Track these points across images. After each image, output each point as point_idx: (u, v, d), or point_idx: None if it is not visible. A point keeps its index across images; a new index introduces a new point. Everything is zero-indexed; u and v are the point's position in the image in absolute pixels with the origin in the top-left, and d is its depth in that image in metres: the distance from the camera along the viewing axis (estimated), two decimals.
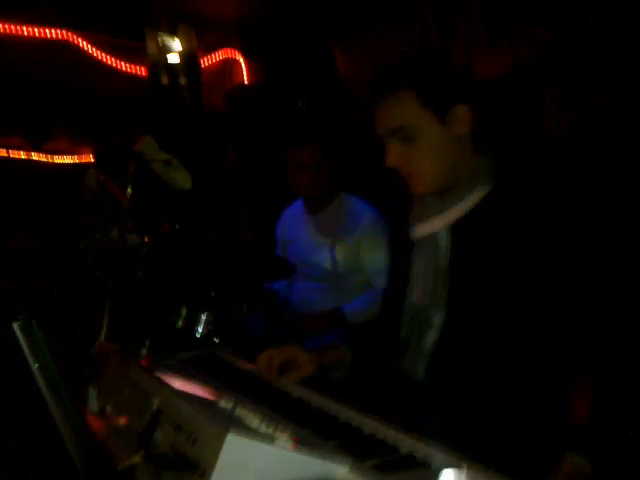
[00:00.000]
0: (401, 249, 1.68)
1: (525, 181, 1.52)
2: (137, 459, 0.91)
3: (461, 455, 1.03)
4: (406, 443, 1.09)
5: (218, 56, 5.11)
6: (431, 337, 1.52)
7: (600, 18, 2.54)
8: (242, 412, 1.02)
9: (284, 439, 0.92)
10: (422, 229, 1.58)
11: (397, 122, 1.49)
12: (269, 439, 0.92)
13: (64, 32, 4.56)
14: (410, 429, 1.13)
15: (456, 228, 1.52)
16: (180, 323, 2.29)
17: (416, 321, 1.56)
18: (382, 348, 1.69)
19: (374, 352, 1.76)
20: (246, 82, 5.09)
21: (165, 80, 4.55)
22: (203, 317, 2.28)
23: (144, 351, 1.45)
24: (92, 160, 4.55)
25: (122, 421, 1.16)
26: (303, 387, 1.51)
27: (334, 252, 2.83)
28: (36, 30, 4.47)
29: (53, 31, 4.53)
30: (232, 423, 0.95)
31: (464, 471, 0.82)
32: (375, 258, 2.79)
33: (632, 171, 2.44)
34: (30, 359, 0.97)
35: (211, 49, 5.03)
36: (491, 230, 1.46)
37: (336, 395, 1.31)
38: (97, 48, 4.68)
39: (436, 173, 1.52)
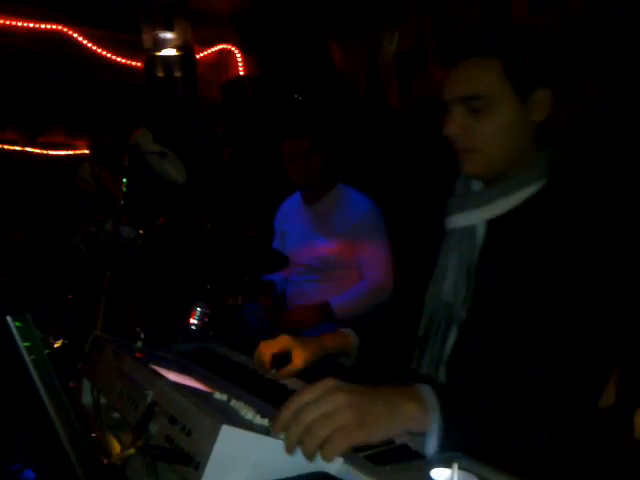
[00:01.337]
0: (429, 239, 1.56)
1: (575, 186, 1.38)
2: (131, 451, 0.91)
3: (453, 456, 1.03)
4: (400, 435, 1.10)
5: (214, 49, 5.10)
6: (453, 336, 1.39)
7: (600, 15, 2.54)
8: (237, 404, 1.01)
9: None
10: (460, 219, 1.44)
11: (473, 89, 1.34)
12: (264, 431, 0.92)
13: (59, 26, 4.55)
14: None
15: (493, 223, 1.39)
16: (176, 316, 2.29)
17: (438, 318, 1.43)
18: (397, 342, 1.58)
19: (388, 346, 1.66)
20: (242, 75, 5.08)
21: (161, 73, 4.54)
22: (199, 310, 2.28)
23: (139, 344, 1.45)
24: (87, 153, 4.55)
25: (116, 414, 1.16)
26: (299, 379, 1.52)
27: (329, 242, 2.84)
28: (31, 24, 4.45)
29: (48, 25, 4.51)
30: (227, 415, 0.95)
31: (455, 466, 0.82)
32: (369, 252, 2.80)
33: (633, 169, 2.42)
34: (24, 352, 0.97)
35: (207, 42, 5.01)
36: (529, 231, 1.33)
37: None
38: (92, 41, 4.66)
39: (497, 156, 1.37)
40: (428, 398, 1.05)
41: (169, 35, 4.45)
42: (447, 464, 0.85)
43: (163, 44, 4.48)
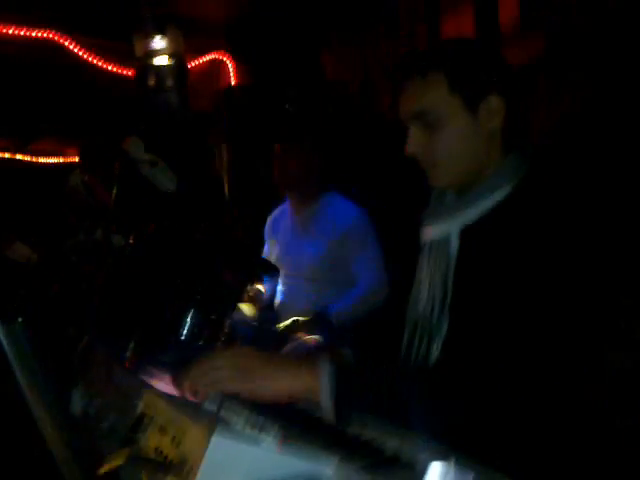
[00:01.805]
0: (407, 252, 1.57)
1: (545, 188, 1.38)
2: (120, 462, 0.91)
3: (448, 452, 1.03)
4: (392, 443, 1.09)
5: (206, 58, 5.11)
6: (436, 348, 1.37)
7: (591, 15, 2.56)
8: (227, 413, 1.01)
9: (270, 440, 0.91)
10: (434, 230, 1.45)
11: (422, 105, 1.38)
12: (255, 440, 0.91)
13: (50, 33, 4.54)
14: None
15: (465, 232, 1.39)
16: (166, 325, 2.27)
17: (420, 331, 1.42)
18: (382, 357, 1.54)
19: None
20: (233, 84, 5.09)
21: (152, 82, 4.53)
22: (188, 319, 2.27)
23: (129, 353, 1.44)
24: (77, 160, 4.53)
25: (106, 423, 1.15)
26: None
27: (319, 250, 2.85)
28: (22, 31, 4.44)
29: (39, 32, 4.50)
30: (217, 424, 0.95)
31: (452, 464, 0.82)
32: (359, 257, 2.83)
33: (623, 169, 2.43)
34: (14, 360, 0.96)
35: (198, 51, 5.02)
36: (501, 236, 1.32)
37: None
38: (84, 49, 4.66)
39: (458, 167, 1.40)
40: (322, 363, 1.16)
41: (161, 44, 4.45)
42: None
43: (155, 53, 4.48)
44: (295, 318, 2.70)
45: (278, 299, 3.04)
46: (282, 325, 2.73)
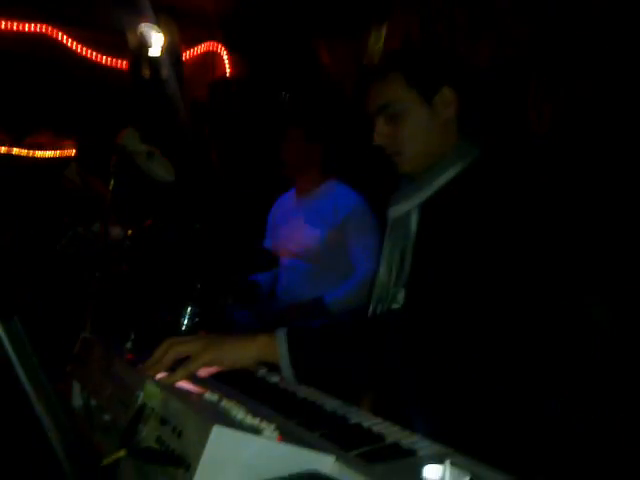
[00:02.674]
0: (383, 232, 1.72)
1: (489, 168, 1.53)
2: (122, 453, 0.91)
3: (446, 444, 1.04)
4: (391, 432, 1.10)
5: (200, 49, 5.08)
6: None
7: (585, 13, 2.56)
8: (228, 404, 1.01)
9: (270, 431, 0.92)
10: (396, 210, 1.62)
11: (384, 99, 1.56)
12: (255, 431, 0.91)
13: (44, 26, 4.52)
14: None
15: (424, 209, 1.55)
16: (165, 316, 2.27)
17: (377, 300, 1.60)
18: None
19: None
20: (228, 75, 5.06)
21: (147, 73, 4.52)
22: (188, 310, 2.27)
23: (129, 345, 1.44)
24: (73, 154, 4.51)
25: (107, 416, 1.15)
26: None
27: (319, 234, 2.88)
28: (15, 25, 4.41)
29: (32, 25, 4.48)
30: (218, 415, 0.95)
31: (447, 466, 0.82)
32: (359, 244, 2.83)
33: (611, 167, 2.46)
34: (12, 356, 0.96)
35: (193, 42, 5.00)
36: (451, 212, 1.48)
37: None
38: (77, 42, 4.63)
39: (419, 154, 1.57)
40: (278, 331, 1.29)
41: (155, 35, 4.43)
42: (440, 461, 0.85)
43: (149, 43, 4.45)
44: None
45: (279, 282, 3.06)
46: None
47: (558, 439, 1.35)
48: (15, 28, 4.40)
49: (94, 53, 4.70)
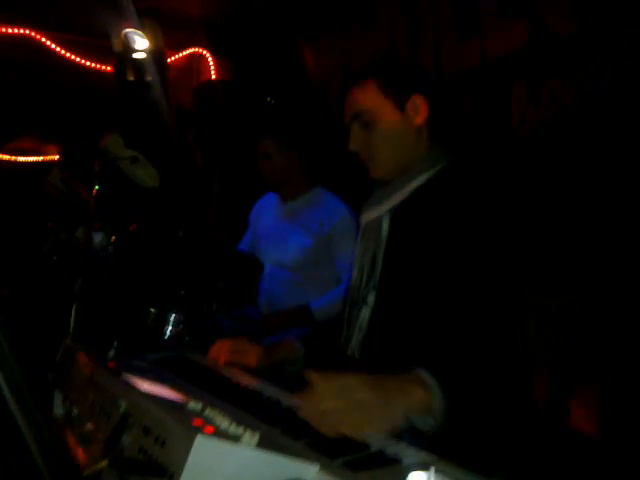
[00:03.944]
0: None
1: (455, 176, 1.56)
2: (103, 464, 0.90)
3: (431, 453, 1.04)
4: (376, 440, 1.09)
5: (185, 53, 5.07)
6: (365, 315, 1.58)
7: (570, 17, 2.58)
8: (211, 413, 1.00)
9: (254, 440, 0.91)
10: (368, 215, 1.67)
11: (359, 107, 1.62)
12: (239, 440, 0.91)
13: (27, 30, 4.48)
14: None
15: (394, 214, 1.60)
16: (149, 324, 2.26)
17: (350, 302, 1.65)
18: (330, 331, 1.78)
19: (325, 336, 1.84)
20: (213, 79, 5.05)
21: (131, 77, 4.49)
22: (172, 317, 2.26)
23: (111, 353, 1.43)
24: (57, 159, 4.48)
25: (89, 425, 1.14)
26: (273, 386, 1.51)
27: (304, 243, 2.84)
28: None
29: (15, 29, 4.45)
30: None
31: (432, 473, 0.82)
32: (345, 254, 2.81)
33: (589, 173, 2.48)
34: None
35: (178, 46, 4.98)
36: (418, 218, 1.53)
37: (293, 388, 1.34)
38: (61, 46, 4.60)
39: (392, 159, 1.61)
40: (431, 382, 1.21)
41: (140, 39, 4.41)
42: (424, 468, 0.85)
43: (133, 47, 4.43)
44: None
45: (261, 289, 3.03)
46: None
47: (540, 445, 1.36)
48: None
49: (78, 57, 4.67)
